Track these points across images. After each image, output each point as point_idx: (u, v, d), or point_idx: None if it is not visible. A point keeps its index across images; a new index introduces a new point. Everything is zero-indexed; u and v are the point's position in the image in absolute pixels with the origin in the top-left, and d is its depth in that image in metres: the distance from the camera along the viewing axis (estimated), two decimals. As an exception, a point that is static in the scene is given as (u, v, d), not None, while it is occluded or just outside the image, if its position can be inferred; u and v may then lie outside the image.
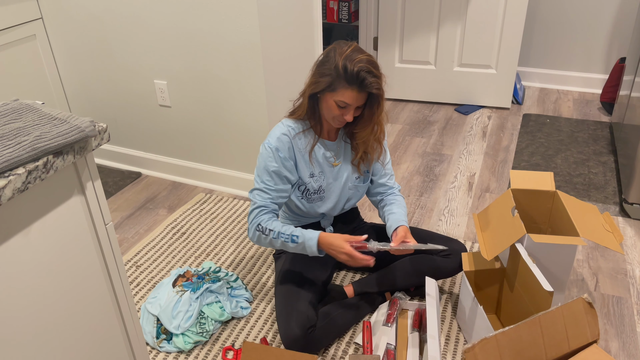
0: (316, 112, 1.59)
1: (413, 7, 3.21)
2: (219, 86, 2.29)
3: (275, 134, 1.60)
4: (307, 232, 1.55)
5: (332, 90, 1.48)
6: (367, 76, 1.44)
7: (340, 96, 1.48)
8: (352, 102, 1.48)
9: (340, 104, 1.49)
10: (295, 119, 1.62)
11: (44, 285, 0.95)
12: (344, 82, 1.46)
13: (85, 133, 0.90)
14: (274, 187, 1.59)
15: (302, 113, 1.60)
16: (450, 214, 2.33)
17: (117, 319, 1.18)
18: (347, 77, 1.45)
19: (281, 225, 1.57)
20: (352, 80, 1.45)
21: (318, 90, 1.52)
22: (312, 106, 1.58)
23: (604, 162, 2.68)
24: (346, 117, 1.51)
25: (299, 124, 1.62)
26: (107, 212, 1.05)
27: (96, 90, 2.62)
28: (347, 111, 1.50)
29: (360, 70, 1.43)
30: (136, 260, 2.10)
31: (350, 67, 1.44)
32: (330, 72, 1.47)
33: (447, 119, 3.24)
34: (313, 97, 1.57)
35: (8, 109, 0.97)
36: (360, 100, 1.50)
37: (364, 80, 1.45)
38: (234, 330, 1.76)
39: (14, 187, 0.80)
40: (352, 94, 1.47)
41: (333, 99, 1.49)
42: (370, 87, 1.46)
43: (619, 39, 3.34)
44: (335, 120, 1.55)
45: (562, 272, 1.62)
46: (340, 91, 1.47)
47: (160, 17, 2.25)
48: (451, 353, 1.65)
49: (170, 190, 2.58)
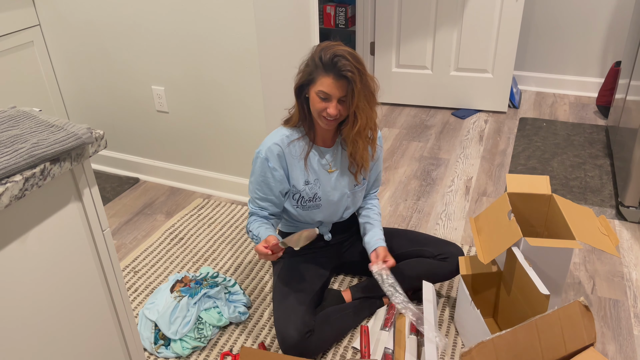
0: (307, 116, 1.60)
1: (409, 12, 3.23)
2: (216, 92, 2.30)
3: (267, 143, 1.61)
4: (264, 234, 1.58)
5: (312, 82, 1.51)
6: (340, 59, 1.45)
7: (319, 86, 1.49)
8: (330, 90, 1.48)
9: (321, 95, 1.50)
10: (290, 126, 1.63)
11: (41, 292, 0.95)
12: (322, 71, 1.48)
13: (82, 140, 0.90)
14: (262, 196, 1.65)
15: (297, 120, 1.61)
16: (448, 217, 2.33)
17: (115, 325, 1.19)
18: (323, 64, 1.47)
19: (257, 226, 1.63)
20: (328, 66, 1.46)
21: (301, 82, 1.54)
22: (302, 110, 1.59)
23: (600, 165, 2.69)
24: (329, 111, 1.50)
25: (295, 131, 1.63)
26: (104, 219, 1.06)
27: (94, 96, 2.63)
28: (330, 104, 1.50)
29: (334, 55, 1.45)
30: (134, 266, 2.10)
31: (325, 55, 1.47)
32: (310, 63, 1.51)
33: (444, 123, 3.25)
34: (301, 98, 1.58)
35: (5, 117, 0.98)
36: (341, 90, 1.48)
37: (337, 64, 1.45)
38: (232, 335, 1.76)
39: (11, 194, 0.81)
40: (329, 81, 1.47)
41: (314, 91, 1.51)
42: (344, 70, 1.46)
43: (614, 42, 3.36)
44: (321, 118, 1.54)
45: (559, 276, 1.62)
46: (319, 81, 1.49)
47: (157, 23, 2.26)
48: (449, 357, 1.65)
49: (168, 196, 2.59)
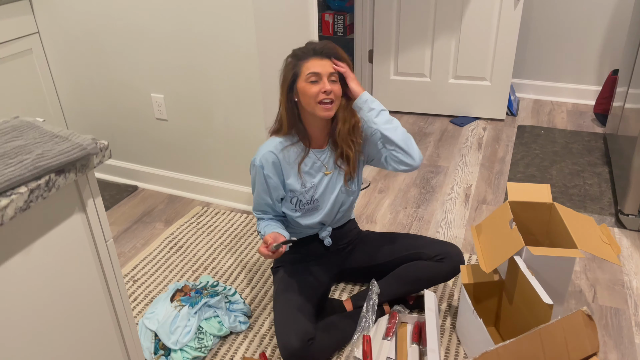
0: (298, 121, 1.61)
1: (408, 20, 3.24)
2: (215, 100, 2.30)
3: (262, 151, 1.62)
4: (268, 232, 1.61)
5: (298, 75, 1.54)
6: (313, 44, 1.56)
7: (306, 71, 1.52)
8: (318, 68, 1.52)
9: (312, 78, 1.52)
10: (282, 135, 1.64)
11: (44, 304, 0.94)
12: (303, 60, 1.54)
13: (87, 151, 0.90)
14: (262, 202, 1.69)
15: (286, 128, 1.62)
16: (448, 225, 2.33)
17: (117, 335, 1.18)
18: (302, 55, 1.55)
19: (264, 226, 1.67)
20: (308, 52, 1.54)
21: (287, 84, 1.56)
22: (293, 116, 1.60)
23: (598, 173, 2.70)
24: (326, 88, 1.51)
25: (287, 138, 1.64)
26: (107, 229, 1.05)
27: (93, 103, 2.62)
28: (322, 83, 1.52)
29: (309, 43, 1.57)
30: (133, 274, 2.08)
31: (299, 49, 1.57)
32: (288, 65, 1.57)
33: (442, 130, 3.26)
34: (290, 103, 1.58)
35: (9, 127, 0.97)
36: (329, 67, 1.53)
37: (315, 46, 1.55)
38: (232, 345, 1.75)
39: (16, 206, 0.80)
40: (314, 62, 1.53)
41: (303, 81, 1.53)
42: (324, 47, 1.54)
43: (611, 51, 3.38)
44: (318, 106, 1.53)
45: (561, 284, 1.62)
46: (304, 67, 1.53)
47: (157, 31, 2.26)
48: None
49: (167, 204, 2.57)
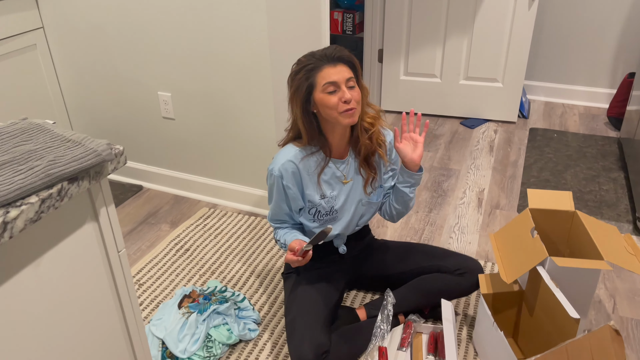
0: (320, 134, 1.54)
1: (419, 18, 3.17)
2: (224, 99, 2.24)
3: (280, 159, 1.55)
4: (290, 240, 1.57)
5: (313, 87, 1.46)
6: (322, 50, 1.47)
7: (322, 81, 1.44)
8: (334, 77, 1.43)
9: (329, 88, 1.44)
10: (301, 145, 1.57)
11: (54, 317, 0.89)
12: (317, 69, 1.45)
13: (102, 157, 0.83)
14: (281, 211, 1.64)
15: (306, 141, 1.54)
16: (461, 231, 2.27)
17: (127, 347, 1.12)
18: (315, 63, 1.45)
19: (283, 234, 1.63)
20: (322, 60, 1.45)
21: (303, 98, 1.47)
22: (312, 128, 1.52)
23: (614, 178, 2.64)
24: (346, 97, 1.43)
25: (307, 148, 1.57)
26: (120, 239, 0.99)
27: (98, 101, 2.56)
28: (342, 92, 1.44)
29: (314, 52, 1.48)
30: (139, 278, 2.03)
31: (308, 57, 1.47)
32: (299, 76, 1.47)
33: (452, 132, 3.20)
34: (309, 116, 1.50)
35: (17, 129, 0.91)
36: (345, 73, 1.45)
37: (327, 50, 1.46)
38: (242, 353, 1.69)
39: (26, 218, 0.74)
40: (329, 70, 1.44)
41: (320, 92, 1.45)
42: (337, 51, 1.46)
43: (625, 53, 3.31)
44: (342, 115, 1.45)
45: (584, 297, 1.56)
46: (319, 77, 1.45)
47: (164, 27, 2.19)
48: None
49: (172, 205, 2.51)
